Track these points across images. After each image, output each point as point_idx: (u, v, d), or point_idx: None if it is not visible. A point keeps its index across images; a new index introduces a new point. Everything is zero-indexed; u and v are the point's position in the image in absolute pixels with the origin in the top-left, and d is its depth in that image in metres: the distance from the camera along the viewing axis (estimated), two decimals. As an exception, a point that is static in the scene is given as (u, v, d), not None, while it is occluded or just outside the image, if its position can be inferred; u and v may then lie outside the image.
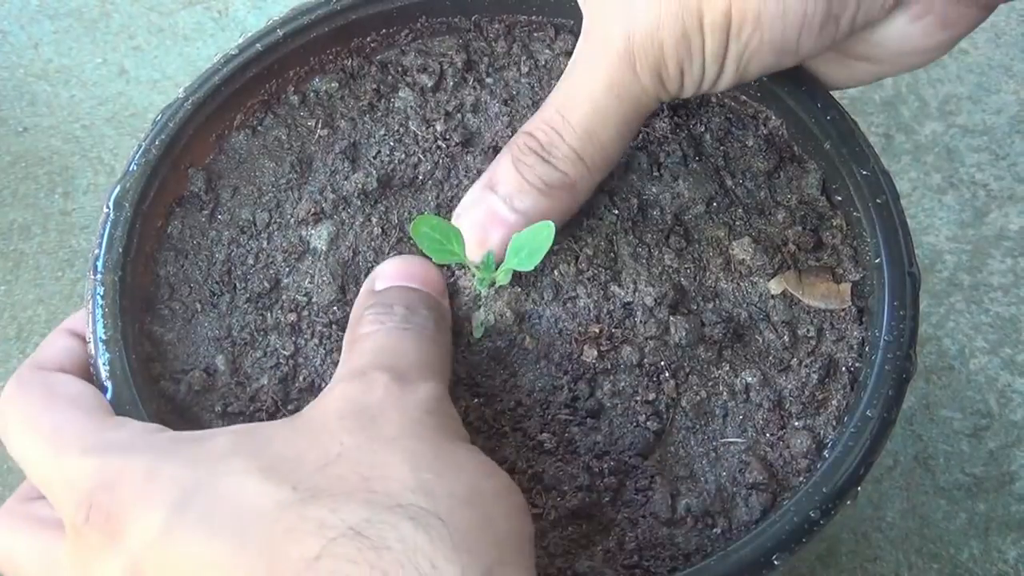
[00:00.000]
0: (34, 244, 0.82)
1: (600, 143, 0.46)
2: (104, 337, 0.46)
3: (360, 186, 0.52)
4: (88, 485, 0.39)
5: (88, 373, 0.46)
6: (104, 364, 0.46)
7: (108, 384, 0.46)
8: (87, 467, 0.40)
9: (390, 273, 0.48)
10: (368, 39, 0.56)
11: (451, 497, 0.36)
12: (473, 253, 0.48)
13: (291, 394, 0.48)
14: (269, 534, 0.36)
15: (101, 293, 0.47)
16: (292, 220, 0.52)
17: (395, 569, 0.34)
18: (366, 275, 0.50)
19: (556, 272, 0.50)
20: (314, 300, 0.50)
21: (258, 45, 0.53)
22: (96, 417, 0.43)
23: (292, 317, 0.50)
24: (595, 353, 0.49)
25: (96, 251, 0.48)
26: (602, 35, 0.45)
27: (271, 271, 0.51)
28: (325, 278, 0.50)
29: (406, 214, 0.52)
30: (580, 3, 0.48)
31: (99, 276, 0.48)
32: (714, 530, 0.46)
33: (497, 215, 0.48)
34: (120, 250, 0.48)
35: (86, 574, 0.39)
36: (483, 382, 0.49)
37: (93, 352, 0.46)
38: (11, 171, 0.85)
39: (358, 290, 0.50)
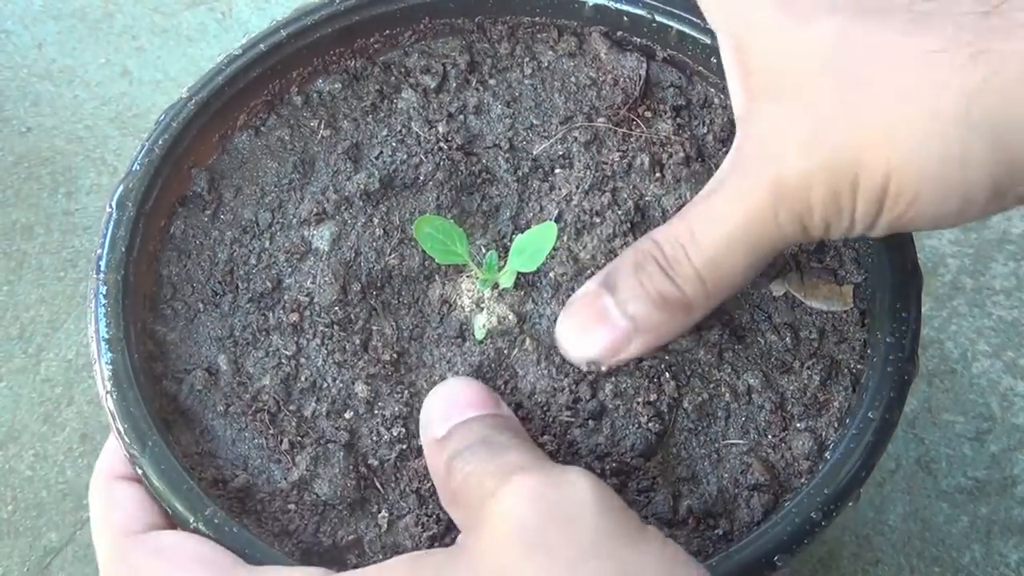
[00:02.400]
0: (37, 244, 0.82)
1: (725, 272, 0.44)
2: (107, 336, 0.46)
3: (362, 187, 0.52)
4: None
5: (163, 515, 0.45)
6: (107, 363, 0.46)
7: (110, 384, 0.46)
8: None
9: (441, 412, 0.45)
10: (371, 40, 0.56)
11: None
12: (573, 351, 0.47)
13: (293, 394, 0.48)
14: None
15: (104, 293, 0.47)
16: (295, 220, 0.52)
17: None
18: (367, 275, 0.50)
19: (556, 274, 0.51)
20: (316, 300, 0.50)
21: (261, 46, 0.53)
22: (225, 566, 0.42)
23: (294, 317, 0.50)
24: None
25: (99, 251, 0.48)
26: (752, 166, 0.43)
27: (273, 271, 0.51)
28: (327, 278, 0.50)
29: (408, 215, 0.52)
30: (736, 118, 0.46)
31: (102, 276, 0.48)
32: (716, 531, 0.46)
33: (608, 316, 0.46)
34: (123, 250, 0.48)
35: None
36: (486, 384, 0.49)
37: (95, 351, 0.46)
38: (14, 171, 0.85)
39: (360, 290, 0.50)
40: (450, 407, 0.44)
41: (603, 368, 0.47)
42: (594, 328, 0.46)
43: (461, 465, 0.41)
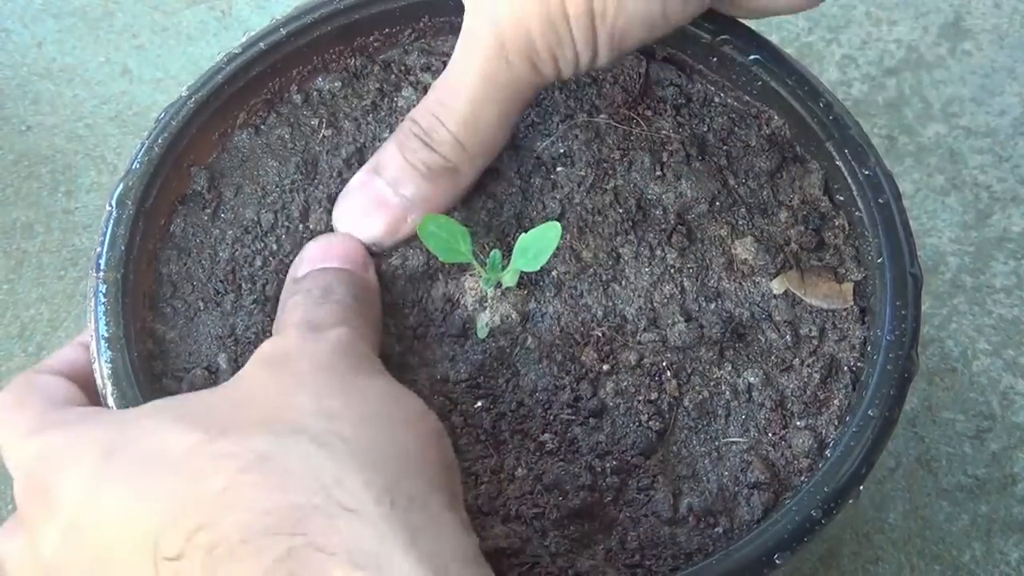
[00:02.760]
0: (37, 243, 0.82)
1: (479, 129, 0.48)
2: (106, 335, 0.46)
3: None
4: (27, 464, 0.41)
5: (86, 381, 0.47)
6: (106, 362, 0.46)
7: (110, 383, 0.46)
8: (28, 447, 0.41)
9: (309, 257, 0.49)
10: (371, 38, 0.56)
11: (354, 419, 0.38)
12: (356, 235, 0.49)
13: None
14: (181, 476, 0.37)
15: (103, 291, 0.47)
16: (299, 223, 0.52)
17: (298, 485, 0.35)
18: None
19: (558, 272, 0.51)
20: None
21: (261, 44, 0.53)
22: (55, 406, 0.44)
23: None
24: (597, 354, 0.49)
25: (99, 249, 0.48)
26: (475, 25, 0.46)
27: (278, 274, 0.51)
28: None
29: None
30: None
31: (101, 274, 0.48)
32: (716, 529, 0.46)
33: (382, 198, 0.49)
34: (123, 248, 0.48)
35: (34, 551, 0.40)
36: (486, 382, 0.49)
37: (95, 350, 0.46)
38: (14, 169, 0.85)
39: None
40: (318, 255, 0.48)
41: (384, 248, 0.50)
42: (371, 211, 0.49)
43: (293, 304, 0.45)
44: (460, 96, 0.47)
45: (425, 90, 0.55)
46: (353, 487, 0.35)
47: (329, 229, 0.52)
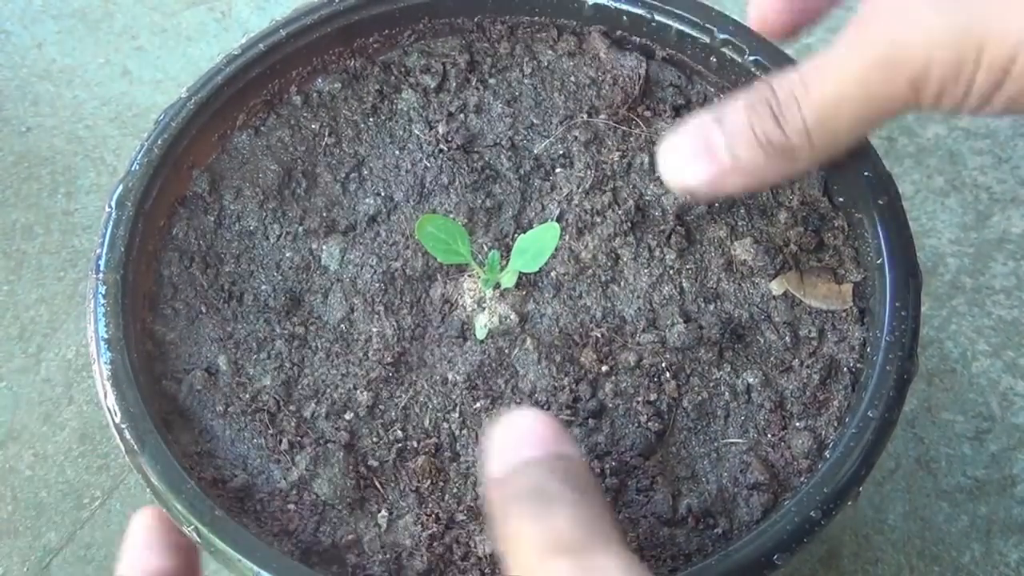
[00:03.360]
0: (37, 244, 0.82)
1: (832, 127, 0.44)
2: (106, 336, 0.46)
3: (370, 212, 0.52)
4: None
5: None
6: (106, 363, 0.46)
7: (109, 384, 0.46)
8: None
9: (499, 447, 0.42)
10: (371, 40, 0.56)
11: None
12: (674, 177, 0.47)
13: (292, 395, 0.48)
14: None
15: (103, 292, 0.47)
16: (300, 231, 0.52)
17: None
18: (378, 289, 0.50)
19: (557, 273, 0.51)
20: (323, 316, 0.50)
21: (261, 45, 0.53)
22: None
23: (300, 330, 0.50)
24: (596, 355, 0.49)
25: (98, 250, 0.48)
26: (870, 24, 0.43)
27: (282, 284, 0.51)
28: (337, 297, 0.51)
29: (415, 223, 0.52)
30: None
31: (101, 275, 0.48)
32: (715, 530, 0.46)
33: (714, 150, 0.46)
34: (122, 249, 0.48)
35: None
36: (484, 384, 0.49)
37: (94, 351, 0.46)
38: (14, 171, 0.85)
39: (366, 306, 0.50)
40: (512, 442, 0.42)
41: (699, 199, 0.47)
42: (698, 159, 0.46)
43: (508, 518, 0.40)
44: (826, 86, 0.44)
45: (425, 93, 0.55)
46: None
47: (328, 231, 0.52)
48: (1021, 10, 0.40)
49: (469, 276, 0.51)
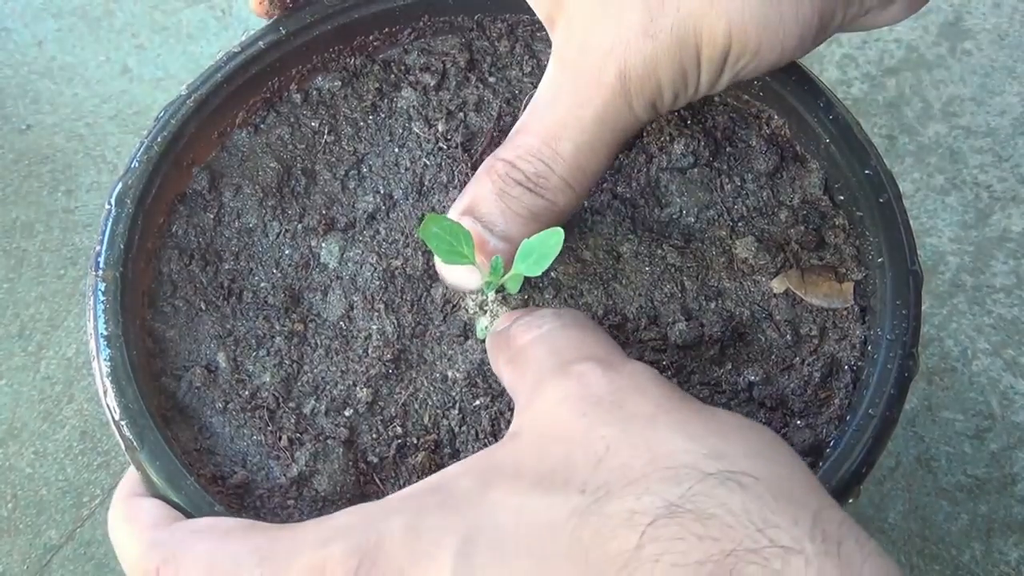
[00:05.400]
0: (37, 242, 0.82)
1: (589, 172, 0.46)
2: (105, 333, 0.46)
3: (370, 210, 0.52)
4: (348, 560, 0.36)
5: None
6: (105, 360, 0.46)
7: (108, 380, 0.46)
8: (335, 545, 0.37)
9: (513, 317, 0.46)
10: (371, 37, 0.56)
11: (746, 456, 0.35)
12: (453, 280, 0.49)
13: (292, 391, 0.48)
14: (575, 542, 0.34)
15: (103, 289, 0.47)
16: (300, 229, 0.52)
17: (727, 533, 0.32)
18: (378, 287, 0.50)
19: (558, 272, 0.50)
20: (323, 314, 0.50)
21: (261, 43, 0.53)
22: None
23: (299, 327, 0.50)
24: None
25: (98, 247, 0.48)
26: (588, 68, 0.44)
27: (282, 281, 0.51)
28: (337, 295, 0.51)
29: (415, 222, 0.52)
30: (547, 25, 0.47)
31: (101, 272, 0.48)
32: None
33: (482, 242, 0.47)
34: (122, 246, 0.48)
35: None
36: (484, 382, 0.49)
37: (94, 348, 0.46)
38: (14, 169, 0.85)
39: (365, 304, 0.50)
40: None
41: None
42: (476, 257, 0.47)
43: (524, 330, 0.42)
44: (571, 139, 0.45)
45: (425, 91, 0.55)
46: (784, 524, 0.32)
47: (328, 229, 0.52)
48: (722, 7, 0.42)
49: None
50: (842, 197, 0.53)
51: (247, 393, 0.48)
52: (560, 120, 0.45)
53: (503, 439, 0.39)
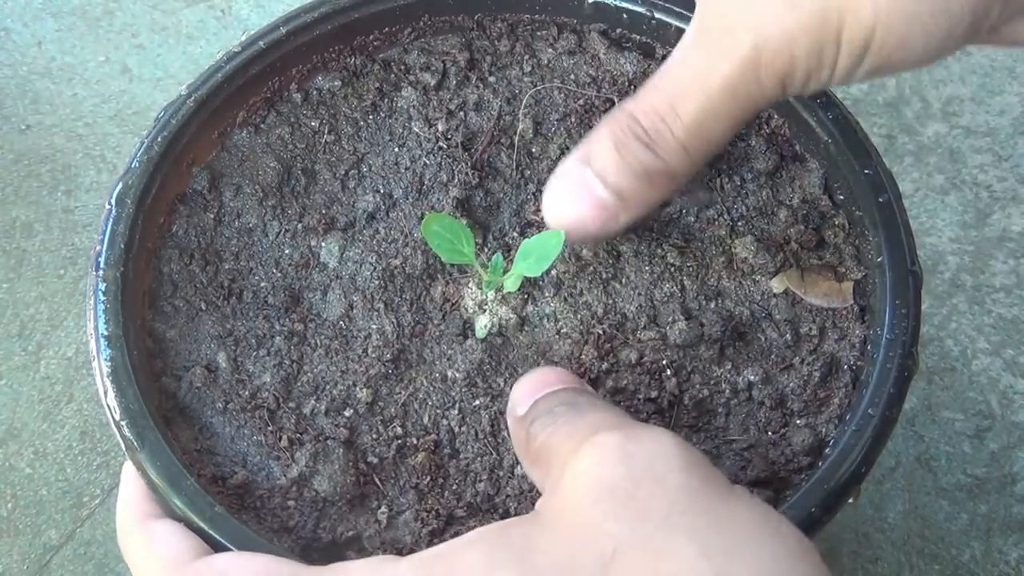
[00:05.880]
0: (36, 242, 0.82)
1: (708, 139, 0.45)
2: (106, 333, 0.46)
3: (369, 210, 0.52)
4: None
5: None
6: (106, 360, 0.46)
7: (109, 380, 0.46)
8: None
9: (526, 391, 0.43)
10: (371, 37, 0.56)
11: (752, 571, 0.34)
12: (556, 222, 0.47)
13: (292, 392, 0.48)
14: None
15: (103, 289, 0.47)
16: (300, 228, 0.52)
17: None
18: (377, 287, 0.50)
19: (558, 271, 0.51)
20: (322, 314, 0.50)
21: (261, 43, 0.53)
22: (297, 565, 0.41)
23: (299, 327, 0.50)
24: (597, 352, 0.49)
25: (98, 247, 0.48)
26: (725, 34, 0.43)
27: (281, 281, 0.51)
28: (337, 295, 0.51)
29: (415, 221, 0.52)
30: None
31: (101, 272, 0.48)
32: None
33: (592, 191, 0.45)
34: (122, 246, 0.48)
35: None
36: (484, 381, 0.49)
37: (94, 348, 0.46)
38: (14, 169, 0.85)
39: (365, 303, 0.50)
40: (534, 387, 0.43)
41: (591, 240, 0.48)
42: (583, 205, 0.46)
43: (540, 428, 0.40)
44: (695, 103, 0.43)
45: (425, 90, 0.55)
46: None
47: (328, 229, 0.52)
48: None
49: (471, 277, 0.51)
50: (842, 197, 0.53)
51: (247, 393, 0.48)
52: (687, 82, 0.44)
53: (524, 516, 0.38)
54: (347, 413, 0.48)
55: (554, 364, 0.49)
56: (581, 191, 0.45)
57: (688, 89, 0.44)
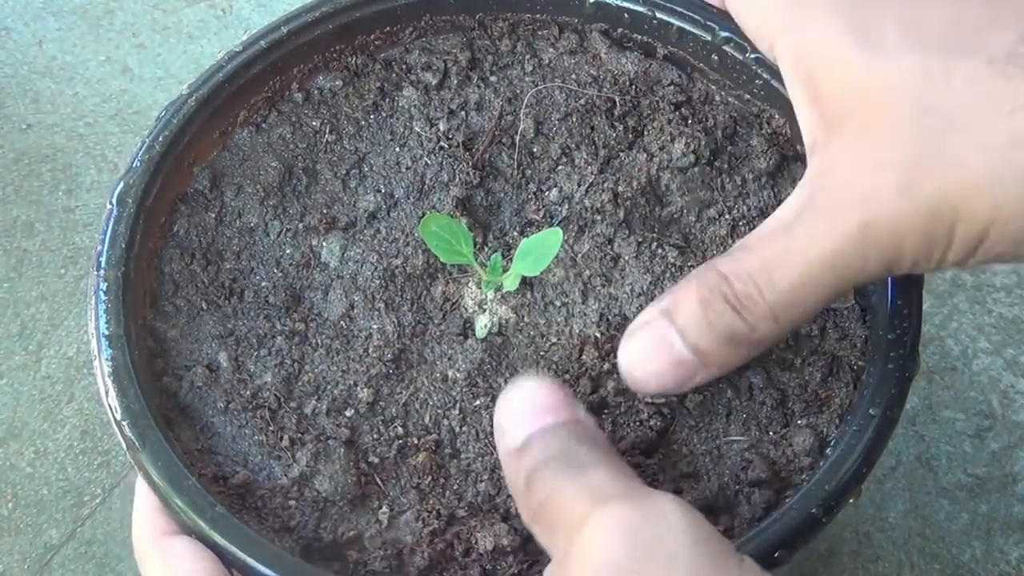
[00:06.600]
0: (37, 241, 0.82)
1: (800, 310, 0.43)
2: (107, 333, 0.46)
3: (370, 209, 0.52)
4: None
5: None
6: (107, 360, 0.46)
7: (110, 380, 0.46)
8: None
9: (516, 417, 0.41)
10: (372, 37, 0.56)
11: None
12: (631, 374, 0.45)
13: (293, 392, 0.49)
14: None
15: (104, 289, 0.47)
16: (301, 228, 0.52)
17: None
18: (378, 286, 0.50)
19: (558, 271, 0.51)
20: (323, 313, 0.50)
21: (262, 42, 0.53)
22: None
23: (300, 326, 0.50)
24: (597, 352, 0.49)
25: (99, 247, 0.48)
26: (834, 207, 0.41)
27: (283, 280, 0.51)
28: (338, 294, 0.51)
29: (416, 220, 0.52)
30: (808, 147, 0.44)
31: (102, 272, 0.48)
32: (717, 527, 0.46)
33: (671, 347, 0.44)
34: (123, 246, 0.48)
35: None
36: (485, 381, 0.49)
37: (95, 348, 0.46)
38: (14, 168, 0.85)
39: (366, 303, 0.50)
40: (525, 412, 0.41)
41: (668, 394, 0.46)
42: (661, 362, 0.44)
43: (541, 484, 0.39)
44: (792, 272, 0.42)
45: (426, 90, 0.55)
46: None
47: (329, 228, 0.52)
48: (988, 190, 0.39)
49: (470, 276, 0.51)
50: (843, 197, 0.52)
51: (248, 393, 0.48)
52: (787, 250, 0.42)
53: None
54: (348, 413, 0.48)
55: (552, 364, 0.49)
56: (660, 345, 0.44)
57: (789, 259, 0.42)
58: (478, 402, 0.48)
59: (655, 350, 0.44)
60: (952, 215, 0.39)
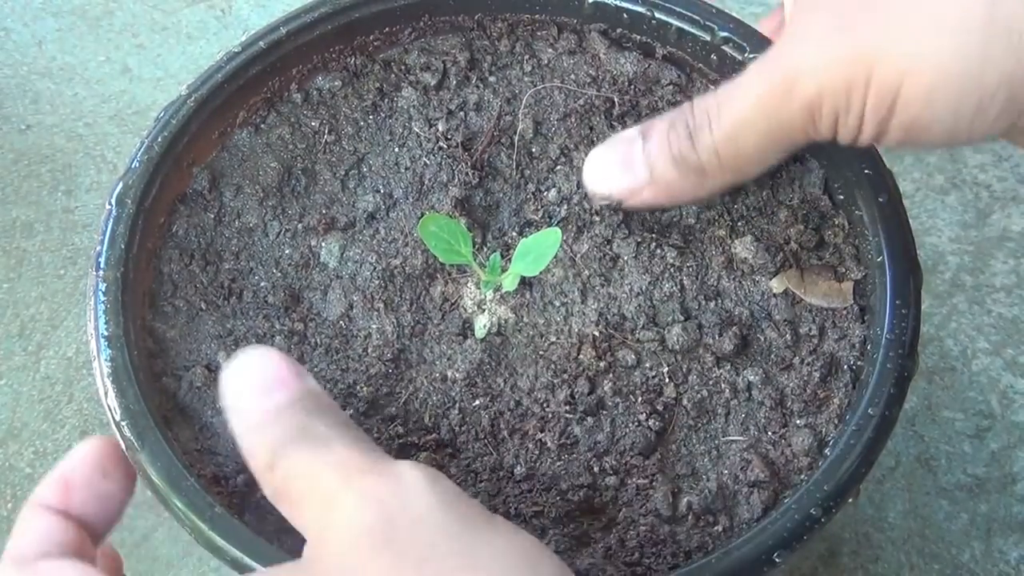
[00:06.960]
0: (36, 242, 0.82)
1: (738, 149, 0.46)
2: (106, 333, 0.46)
3: (369, 210, 0.52)
4: None
5: (76, 548, 0.42)
6: (106, 360, 0.46)
7: (109, 381, 0.46)
8: None
9: (248, 395, 0.41)
10: (371, 37, 0.56)
11: None
12: (594, 184, 0.50)
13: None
14: None
15: (103, 289, 0.47)
16: (300, 228, 0.52)
17: None
18: (377, 287, 0.50)
19: (557, 271, 0.51)
20: (323, 313, 0.50)
21: (261, 43, 0.53)
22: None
23: (299, 326, 0.50)
24: (595, 352, 0.49)
25: (98, 248, 0.48)
26: (775, 55, 0.45)
27: (282, 281, 0.51)
28: (337, 295, 0.51)
29: (415, 220, 0.52)
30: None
31: (101, 273, 0.48)
32: (715, 528, 0.46)
33: (632, 162, 0.48)
34: (122, 247, 0.48)
35: None
36: (484, 381, 0.49)
37: (95, 348, 0.46)
38: (14, 169, 0.85)
39: (365, 303, 0.50)
40: (256, 387, 0.41)
41: (617, 204, 0.50)
42: (619, 169, 0.49)
43: (285, 463, 0.39)
44: (731, 110, 0.46)
45: (425, 90, 0.55)
46: None
47: (328, 229, 0.52)
48: (909, 34, 0.41)
49: (469, 276, 0.51)
50: (842, 196, 0.53)
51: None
52: (736, 90, 0.46)
53: (296, 562, 0.39)
54: (348, 412, 0.48)
55: (550, 363, 0.49)
56: (625, 154, 0.49)
57: (733, 97, 0.46)
58: (477, 402, 0.48)
59: (618, 155, 0.49)
60: (869, 61, 0.42)
